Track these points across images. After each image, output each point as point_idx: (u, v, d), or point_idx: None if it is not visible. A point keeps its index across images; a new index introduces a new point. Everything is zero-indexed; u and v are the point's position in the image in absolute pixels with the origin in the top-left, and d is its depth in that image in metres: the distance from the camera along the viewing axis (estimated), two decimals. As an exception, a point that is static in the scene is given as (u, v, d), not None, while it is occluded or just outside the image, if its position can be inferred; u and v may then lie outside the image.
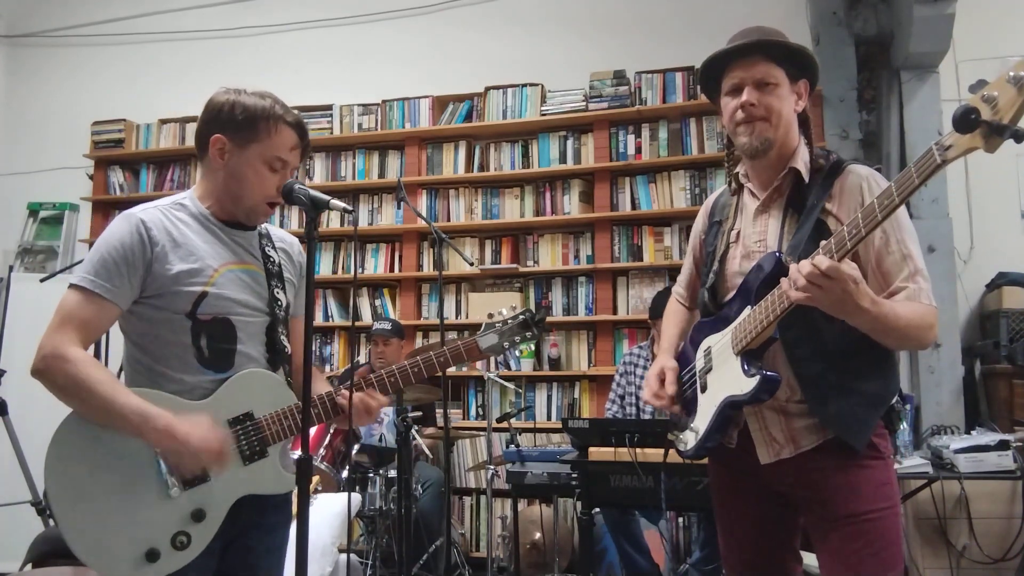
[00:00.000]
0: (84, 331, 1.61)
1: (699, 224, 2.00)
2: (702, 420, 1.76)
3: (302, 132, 1.76)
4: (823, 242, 1.49)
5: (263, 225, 1.85)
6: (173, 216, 1.71)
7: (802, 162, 1.73)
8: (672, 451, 1.91)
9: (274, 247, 1.85)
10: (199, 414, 1.61)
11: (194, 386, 1.66)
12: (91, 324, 1.61)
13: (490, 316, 1.85)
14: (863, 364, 1.65)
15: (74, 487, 1.57)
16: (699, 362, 1.82)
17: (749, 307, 1.65)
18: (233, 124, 1.71)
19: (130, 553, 1.56)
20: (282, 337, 1.80)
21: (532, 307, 4.61)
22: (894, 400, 1.70)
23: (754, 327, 1.62)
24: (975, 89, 1.24)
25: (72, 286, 1.63)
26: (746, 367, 1.64)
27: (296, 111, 1.78)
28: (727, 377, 1.69)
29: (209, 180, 1.77)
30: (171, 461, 1.60)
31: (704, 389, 1.78)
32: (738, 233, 1.83)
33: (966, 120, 1.23)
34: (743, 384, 1.63)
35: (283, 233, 1.93)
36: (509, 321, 1.85)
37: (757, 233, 1.78)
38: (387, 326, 4.36)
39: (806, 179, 1.72)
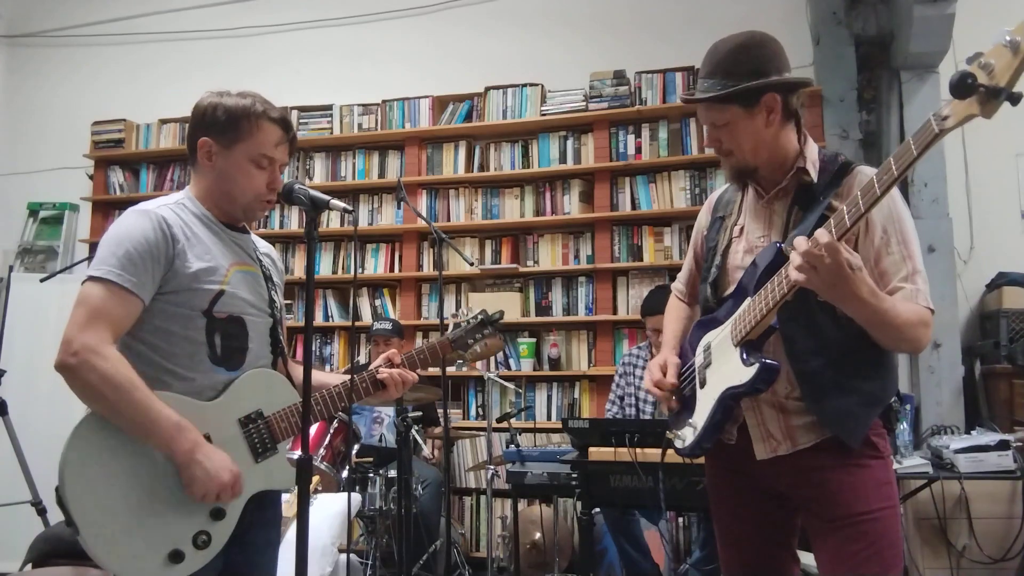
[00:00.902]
0: (114, 328, 1.58)
1: (702, 220, 1.99)
2: (700, 416, 1.75)
3: (286, 126, 1.77)
4: (823, 228, 1.47)
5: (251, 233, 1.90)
6: (182, 215, 1.73)
7: (810, 162, 1.72)
8: (673, 452, 1.90)
9: (260, 252, 1.90)
10: (221, 452, 1.63)
11: (205, 385, 1.67)
12: (121, 320, 1.60)
13: (454, 316, 2.16)
14: (862, 363, 1.64)
15: (94, 489, 1.55)
16: (698, 358, 1.81)
17: (749, 298, 1.65)
18: (217, 126, 1.73)
19: (154, 555, 1.56)
20: (281, 337, 1.85)
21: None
22: (892, 400, 1.69)
23: (753, 316, 1.61)
24: (971, 60, 1.25)
25: (96, 279, 1.59)
26: (745, 356, 1.63)
27: (280, 107, 1.79)
28: (726, 369, 1.69)
29: (202, 183, 1.79)
30: (186, 476, 1.59)
31: (703, 384, 1.77)
32: (741, 228, 1.82)
33: (962, 85, 1.23)
34: (742, 374, 1.62)
35: (262, 241, 1.97)
36: (471, 321, 2.09)
37: (761, 228, 1.77)
38: (387, 326, 4.36)
39: (814, 179, 1.70)
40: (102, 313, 1.57)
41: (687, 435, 1.79)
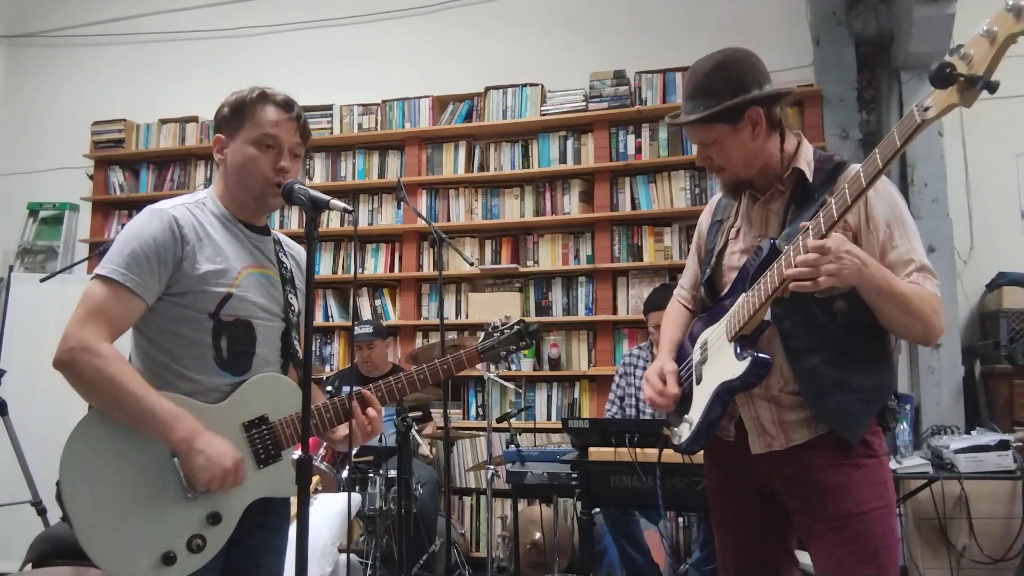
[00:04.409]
0: (112, 326, 1.60)
1: (703, 223, 2.00)
2: (697, 411, 1.76)
3: (286, 106, 1.77)
4: (811, 222, 1.50)
5: (274, 232, 1.88)
6: (199, 215, 1.73)
7: (805, 162, 1.73)
8: (675, 452, 1.90)
9: (285, 254, 1.88)
10: (221, 438, 1.61)
11: (210, 387, 1.66)
12: (119, 319, 1.61)
13: (487, 326, 1.96)
14: (860, 359, 1.65)
15: (91, 488, 1.56)
16: (695, 355, 1.82)
17: (743, 294, 1.66)
18: (224, 120, 1.77)
19: (147, 556, 1.56)
20: (295, 342, 1.82)
21: (529, 317, 4.66)
22: (889, 399, 1.69)
23: (747, 311, 1.63)
24: (953, 51, 1.27)
25: (100, 277, 1.61)
26: (738, 351, 1.65)
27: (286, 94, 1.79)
28: (721, 364, 1.70)
29: (221, 180, 1.81)
30: (186, 467, 1.58)
31: (699, 381, 1.78)
32: (739, 230, 1.83)
33: (941, 74, 1.26)
34: (735, 368, 1.64)
35: (292, 241, 1.96)
36: (506, 331, 1.93)
37: (758, 228, 1.78)
38: (368, 329, 4.27)
39: (810, 178, 1.71)
40: (101, 311, 1.58)
41: (683, 431, 1.80)
